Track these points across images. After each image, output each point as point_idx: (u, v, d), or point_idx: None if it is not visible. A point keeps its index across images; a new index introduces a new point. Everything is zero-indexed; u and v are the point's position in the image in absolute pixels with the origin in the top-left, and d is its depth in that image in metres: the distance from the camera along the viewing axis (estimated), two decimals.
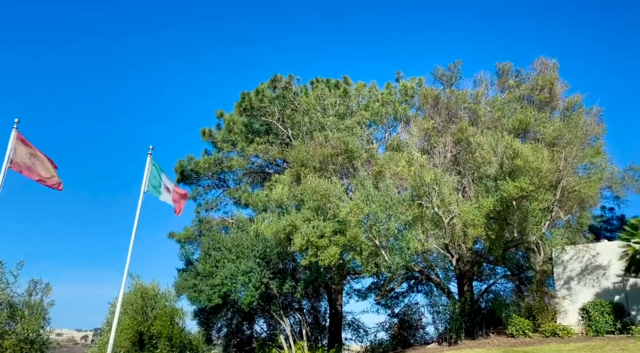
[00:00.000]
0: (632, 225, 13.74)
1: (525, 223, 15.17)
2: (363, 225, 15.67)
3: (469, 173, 17.69)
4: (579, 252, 16.19)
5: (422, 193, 15.60)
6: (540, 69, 18.70)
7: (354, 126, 20.86)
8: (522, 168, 14.64)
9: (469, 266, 17.09)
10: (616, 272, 14.93)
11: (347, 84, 22.39)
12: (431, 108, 19.81)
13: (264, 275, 17.57)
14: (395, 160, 17.71)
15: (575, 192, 15.47)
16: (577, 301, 15.40)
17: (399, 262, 15.03)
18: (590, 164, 16.20)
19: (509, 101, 18.70)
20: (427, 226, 16.01)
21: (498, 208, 14.84)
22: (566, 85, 18.49)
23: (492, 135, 16.54)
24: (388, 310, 20.93)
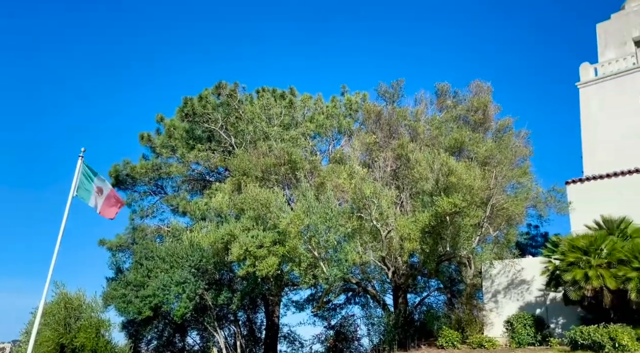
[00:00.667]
0: (553, 243, 14.64)
1: (457, 238, 15.79)
2: (303, 236, 15.69)
3: (407, 188, 18.22)
4: (505, 267, 17.05)
5: (361, 206, 15.87)
6: (475, 91, 19.70)
7: (299, 137, 20.96)
8: (456, 185, 15.25)
9: (404, 279, 17.51)
10: (538, 286, 15.82)
11: (293, 94, 22.52)
12: (374, 123, 20.28)
13: (199, 285, 17.09)
14: (337, 172, 17.92)
15: (504, 209, 16.31)
16: (503, 314, 16.18)
17: (336, 273, 15.15)
18: (518, 183, 17.18)
19: (447, 120, 19.52)
20: (366, 238, 16.28)
21: (433, 223, 15.35)
22: (499, 107, 19.59)
23: (430, 153, 17.17)
24: (324, 321, 21.00)
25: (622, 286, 12.18)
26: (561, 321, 15.03)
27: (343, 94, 23.30)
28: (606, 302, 12.42)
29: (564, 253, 13.55)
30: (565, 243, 13.87)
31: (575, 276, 12.79)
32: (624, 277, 12.20)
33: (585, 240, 13.35)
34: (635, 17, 23.21)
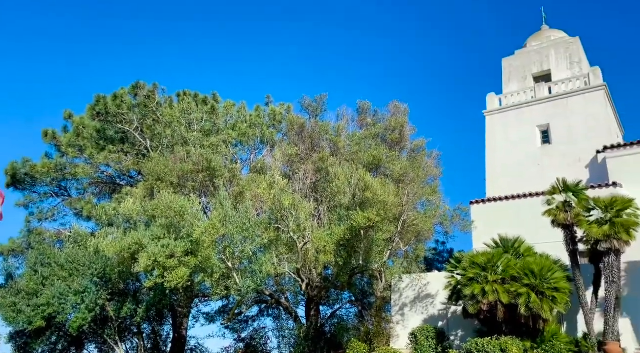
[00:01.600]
0: (456, 259, 15.56)
1: (370, 252, 16.27)
2: (217, 246, 15.31)
3: (326, 201, 18.51)
4: (413, 281, 17.84)
5: (280, 217, 15.84)
6: (393, 111, 20.62)
7: (220, 144, 20.53)
8: (372, 200, 15.77)
9: (318, 291, 17.68)
10: (442, 300, 16.71)
11: (216, 101, 22.08)
12: (296, 135, 20.46)
13: (101, 296, 16.00)
14: (257, 182, 17.78)
15: (414, 225, 17.10)
16: (408, 326, 16.86)
17: (250, 285, 14.94)
18: (428, 201, 18.13)
19: (366, 137, 20.18)
20: (282, 250, 16.25)
21: (348, 236, 15.71)
22: (414, 128, 20.64)
23: (349, 168, 17.62)
24: (235, 334, 20.56)
25: (514, 301, 13.21)
26: (460, 333, 15.98)
27: (267, 104, 23.29)
28: (499, 315, 13.39)
29: (465, 269, 14.43)
30: (466, 259, 14.78)
31: (474, 291, 13.66)
32: (515, 292, 13.25)
33: (484, 258, 14.34)
34: (535, 55, 25.71)
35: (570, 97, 22.88)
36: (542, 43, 26.12)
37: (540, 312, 12.91)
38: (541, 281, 13.19)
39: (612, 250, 13.26)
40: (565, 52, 24.68)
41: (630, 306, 13.77)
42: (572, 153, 21.92)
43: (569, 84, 23.35)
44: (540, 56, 25.40)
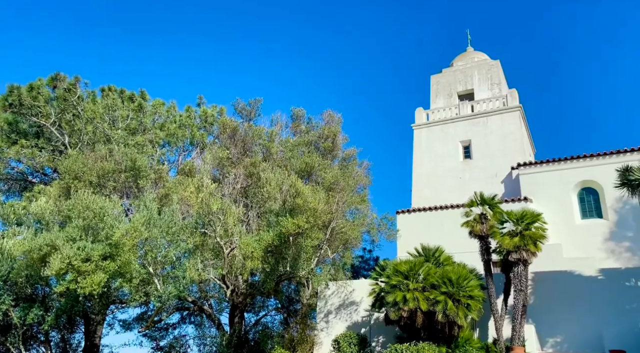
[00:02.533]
0: (380, 267, 16.00)
1: (298, 259, 16.29)
2: (139, 250, 14.61)
3: (256, 206, 18.31)
4: (339, 288, 18.10)
5: (207, 221, 15.44)
6: (327, 120, 20.91)
7: (146, 144, 19.69)
8: (302, 207, 15.80)
9: (243, 298, 17.40)
10: (366, 307, 17.09)
11: (144, 98, 21.14)
12: (228, 138, 20.10)
13: (4, 301, 14.67)
14: (185, 184, 17.21)
15: (342, 233, 17.36)
16: (332, 333, 17.06)
17: (171, 291, 14.39)
18: (356, 209, 18.52)
19: (299, 144, 20.27)
20: (208, 255, 15.83)
21: (276, 242, 15.62)
22: (346, 138, 21.04)
23: (281, 173, 17.58)
24: (153, 342, 19.65)
25: (432, 308, 13.80)
26: (381, 340, 16.42)
27: (199, 105, 22.68)
28: (419, 322, 13.93)
29: (389, 276, 14.87)
30: (390, 267, 15.24)
31: (396, 298, 14.11)
32: (434, 299, 13.86)
33: (406, 266, 14.86)
34: (460, 75, 27.25)
35: (490, 115, 24.48)
36: (467, 63, 27.76)
37: (456, 318, 13.58)
38: (458, 289, 13.88)
39: (521, 261, 14.27)
40: (487, 74, 26.40)
41: (535, 313, 14.87)
42: (490, 168, 23.42)
43: (489, 104, 24.97)
44: (465, 76, 26.98)
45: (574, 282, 15.09)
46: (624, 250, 18.37)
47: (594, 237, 19.02)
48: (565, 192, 20.08)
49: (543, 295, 15.18)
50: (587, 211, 19.82)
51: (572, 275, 15.32)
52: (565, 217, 19.69)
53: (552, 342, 14.40)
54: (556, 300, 14.92)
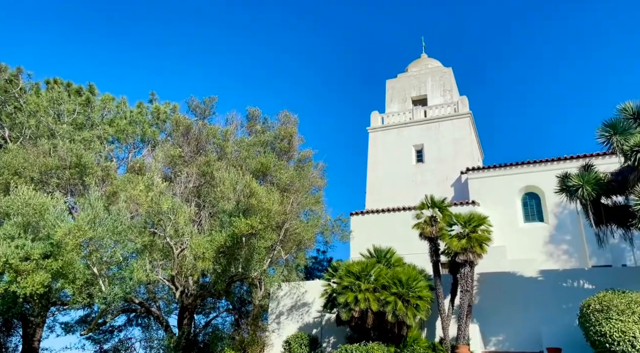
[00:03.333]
0: (333, 267, 16.12)
1: (250, 260, 16.15)
2: (83, 249, 14.01)
3: (209, 206, 18.00)
4: (292, 289, 18.08)
5: (156, 221, 15.03)
6: (283, 120, 20.85)
7: (93, 140, 18.91)
8: (256, 207, 15.67)
9: (193, 299, 17.04)
10: (317, 308, 17.16)
11: (93, 92, 20.31)
12: (182, 136, 19.66)
13: None
14: (134, 183, 16.67)
15: (296, 234, 17.36)
16: (283, 334, 17.02)
17: (117, 293, 13.90)
18: (311, 211, 18.57)
19: (255, 144, 20.10)
20: (157, 256, 15.41)
21: (229, 243, 15.41)
22: (302, 139, 21.05)
23: (235, 173, 17.36)
24: (97, 345, 18.90)
25: (382, 308, 14.03)
26: (332, 340, 16.53)
27: (151, 101, 22.03)
28: (369, 322, 14.13)
29: (341, 277, 15.00)
30: (343, 268, 15.38)
31: (347, 298, 14.25)
32: (384, 300, 14.10)
33: (358, 267, 15.04)
34: (414, 80, 27.93)
35: (442, 121, 25.24)
36: (421, 70, 28.49)
37: (405, 318, 13.87)
38: (407, 290, 14.18)
39: (468, 262, 14.77)
40: (439, 80, 27.20)
41: (480, 313, 15.43)
42: (441, 172, 24.13)
43: (441, 110, 25.74)
44: (419, 81, 27.68)
45: (516, 283, 15.77)
46: (562, 253, 19.42)
47: (535, 239, 20.00)
48: (510, 197, 21.00)
49: (487, 295, 15.76)
50: (530, 215, 20.82)
51: (515, 276, 16.00)
52: (510, 220, 20.58)
53: (495, 340, 14.99)
54: (499, 300, 15.54)
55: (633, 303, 11.22)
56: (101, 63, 68.70)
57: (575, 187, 13.48)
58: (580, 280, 14.97)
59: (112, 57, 70.98)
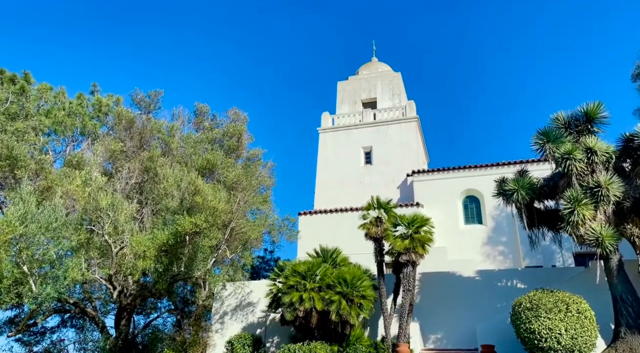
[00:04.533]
0: (279, 267, 16.07)
1: (194, 259, 15.80)
2: (12, 247, 13.17)
3: (151, 203, 17.43)
4: (237, 289, 17.86)
5: (94, 218, 14.39)
6: (233, 118, 20.56)
7: (27, 131, 17.80)
8: (201, 205, 15.36)
9: (132, 299, 16.46)
10: (262, 308, 17.05)
11: (28, 81, 19.10)
12: (124, 130, 18.93)
13: None
14: (71, 177, 15.87)
15: (243, 233, 17.17)
16: (227, 335, 16.78)
17: (49, 292, 13.15)
18: (258, 210, 18.42)
19: (202, 141, 19.68)
20: (94, 254, 14.76)
21: (172, 241, 15.00)
22: (251, 137, 20.86)
23: (180, 170, 16.91)
24: (26, 348, 17.81)
25: (327, 307, 14.14)
26: (276, 340, 16.48)
27: (93, 93, 21.01)
28: (313, 321, 14.20)
29: (287, 277, 14.98)
30: (289, 268, 15.37)
31: (292, 298, 14.26)
32: (329, 299, 14.22)
33: (304, 266, 15.08)
34: (365, 83, 28.38)
35: (390, 124, 25.79)
36: (372, 73, 29.00)
37: (349, 317, 14.05)
38: (352, 289, 14.37)
39: (410, 262, 15.16)
40: (389, 84, 27.78)
41: (421, 312, 15.89)
42: (388, 174, 24.65)
43: (390, 113, 26.30)
44: (369, 84, 28.15)
45: (455, 282, 16.36)
46: (498, 254, 20.37)
47: (474, 241, 20.86)
48: (452, 199, 21.78)
49: (428, 294, 16.26)
50: (470, 217, 21.69)
51: (454, 276, 16.60)
52: (451, 222, 21.35)
53: (434, 338, 15.48)
54: (439, 299, 16.07)
55: (560, 302, 11.93)
56: (40, 53, 64.97)
57: (510, 191, 14.17)
58: (513, 280, 15.74)
59: (52, 47, 67.29)
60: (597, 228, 12.41)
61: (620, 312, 12.44)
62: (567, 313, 11.67)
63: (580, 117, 14.14)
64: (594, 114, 13.89)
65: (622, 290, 12.55)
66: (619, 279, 12.65)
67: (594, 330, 11.71)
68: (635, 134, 12.92)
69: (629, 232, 13.03)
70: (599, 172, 13.08)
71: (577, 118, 14.18)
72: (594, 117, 13.93)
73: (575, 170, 12.97)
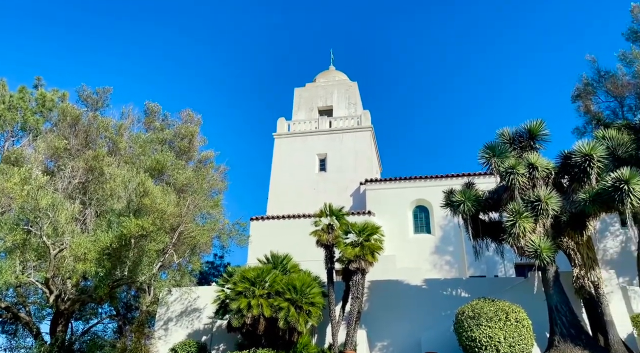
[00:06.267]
0: (228, 273, 15.78)
1: (139, 263, 15.25)
2: None
3: (96, 204, 16.71)
4: (183, 295, 17.38)
5: (32, 217, 13.63)
6: (186, 119, 20.11)
7: None
8: (149, 208, 14.89)
9: (70, 304, 15.66)
10: (209, 314, 16.66)
11: None
12: (69, 127, 18.08)
13: None
14: (8, 174, 14.95)
15: (191, 237, 16.75)
16: (170, 342, 16.27)
17: None
18: (208, 214, 18.04)
19: (152, 141, 19.11)
20: (30, 256, 13.95)
21: (116, 244, 14.42)
22: (205, 140, 20.47)
23: (128, 170, 16.33)
24: None
25: (275, 314, 14.01)
26: (222, 347, 16.14)
27: (37, 87, 19.92)
28: (260, 328, 14.02)
29: (235, 283, 14.73)
30: (238, 274, 15.12)
31: (240, 304, 14.02)
32: (277, 306, 14.09)
33: (254, 272, 14.89)
34: (322, 91, 28.58)
35: (345, 133, 26.07)
36: (329, 81, 29.26)
37: (297, 325, 13.98)
38: (301, 296, 14.32)
39: (360, 270, 15.30)
40: (345, 93, 28.12)
41: (369, 319, 16.04)
42: (342, 182, 24.85)
43: (345, 122, 26.60)
44: (326, 92, 28.38)
45: (403, 291, 16.65)
46: (444, 263, 20.94)
47: (423, 249, 21.35)
48: (402, 209, 22.22)
49: (376, 302, 16.45)
50: (419, 226, 22.20)
51: (402, 284, 16.90)
52: (401, 231, 21.77)
53: (380, 345, 15.66)
54: (387, 306, 16.28)
55: (500, 311, 12.39)
56: None
57: (458, 203, 14.63)
58: (458, 289, 16.22)
59: None
60: (536, 241, 13.01)
61: (555, 321, 13.06)
62: (506, 322, 12.13)
63: (524, 133, 14.85)
64: (537, 131, 14.62)
65: (557, 301, 13.19)
66: (555, 290, 13.30)
67: (530, 339, 12.23)
68: (572, 151, 13.67)
69: (565, 245, 13.74)
70: (540, 186, 13.75)
71: (521, 134, 14.89)
72: (537, 134, 14.67)
73: (517, 184, 13.57)
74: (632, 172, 12.04)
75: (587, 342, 12.61)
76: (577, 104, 19.24)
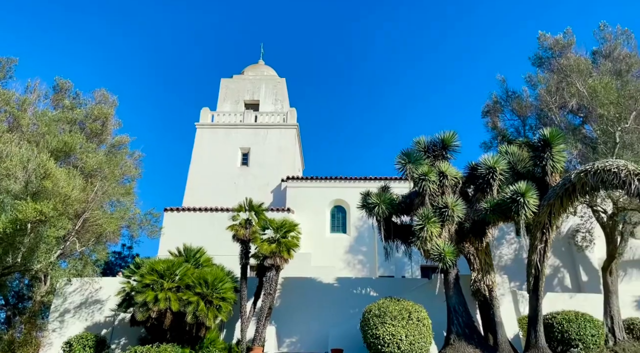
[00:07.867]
0: (136, 264, 15.06)
1: (36, 250, 14.10)
2: None
3: None
4: (84, 285, 16.33)
5: None
6: (100, 100, 18.88)
7: None
8: (51, 191, 13.83)
9: None
10: (112, 306, 15.80)
11: None
12: None
13: None
14: None
15: (97, 225, 15.78)
16: (66, 334, 15.22)
17: None
18: (118, 202, 17.10)
19: (60, 120, 17.72)
20: None
21: (9, 230, 13.21)
22: (119, 123, 19.33)
23: (30, 149, 15.02)
24: None
25: (184, 309, 13.58)
26: (123, 342, 15.37)
27: None
28: (166, 323, 13.52)
29: (142, 275, 14.09)
30: (147, 265, 14.47)
31: (147, 297, 13.43)
32: (186, 300, 13.68)
33: (164, 265, 14.34)
34: (249, 84, 28.21)
35: (270, 129, 25.95)
36: (257, 75, 28.95)
37: (205, 320, 13.67)
38: (212, 291, 14.03)
39: (275, 266, 15.33)
40: (273, 89, 27.99)
41: (280, 315, 16.11)
42: (263, 177, 24.71)
43: (271, 117, 26.48)
44: (253, 86, 28.06)
45: (315, 288, 16.91)
46: (357, 262, 21.59)
47: (338, 249, 21.84)
48: (321, 208, 22.58)
49: (288, 298, 16.56)
50: (336, 226, 22.70)
51: (315, 281, 17.16)
52: (319, 230, 22.11)
53: (289, 342, 15.79)
54: (298, 303, 16.45)
55: (404, 310, 13.01)
56: None
57: (373, 205, 15.15)
58: (367, 288, 16.78)
59: None
60: (441, 245, 13.82)
61: (452, 321, 13.96)
62: (408, 321, 12.76)
63: (437, 143, 15.72)
64: (449, 142, 15.54)
65: (455, 302, 14.11)
66: (454, 292, 14.21)
67: (429, 337, 12.97)
68: (479, 164, 14.71)
69: (466, 250, 14.74)
70: (448, 194, 14.63)
71: (435, 143, 15.74)
72: (449, 144, 15.59)
73: (429, 191, 14.34)
74: (528, 186, 13.19)
75: (478, 341, 13.62)
76: (486, 120, 20.69)
